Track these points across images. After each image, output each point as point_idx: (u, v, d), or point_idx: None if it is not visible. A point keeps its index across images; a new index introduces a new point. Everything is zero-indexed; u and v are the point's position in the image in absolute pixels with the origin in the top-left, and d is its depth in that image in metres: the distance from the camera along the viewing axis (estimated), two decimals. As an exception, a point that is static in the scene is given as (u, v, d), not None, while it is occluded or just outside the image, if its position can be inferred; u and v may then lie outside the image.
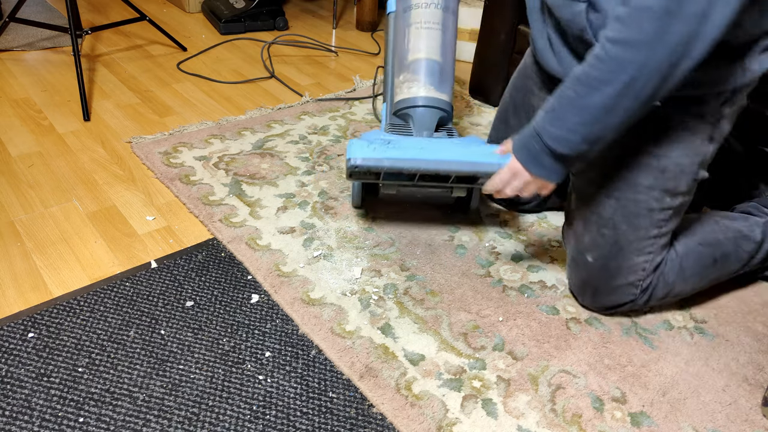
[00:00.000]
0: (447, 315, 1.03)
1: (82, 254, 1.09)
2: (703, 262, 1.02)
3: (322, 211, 1.25)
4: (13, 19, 1.66)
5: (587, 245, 1.00)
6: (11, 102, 1.57)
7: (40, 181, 1.28)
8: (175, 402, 0.85)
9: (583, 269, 1.02)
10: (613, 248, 0.97)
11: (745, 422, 0.89)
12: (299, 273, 1.08)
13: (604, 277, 1.00)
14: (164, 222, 1.19)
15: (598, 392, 0.92)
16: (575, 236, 1.03)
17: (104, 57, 1.89)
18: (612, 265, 0.98)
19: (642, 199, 0.94)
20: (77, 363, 0.89)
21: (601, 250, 0.99)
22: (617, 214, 0.96)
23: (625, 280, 0.99)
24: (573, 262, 1.05)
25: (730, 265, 1.05)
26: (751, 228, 1.07)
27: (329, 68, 1.97)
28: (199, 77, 1.80)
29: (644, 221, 0.95)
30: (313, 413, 0.85)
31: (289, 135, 1.52)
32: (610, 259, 0.98)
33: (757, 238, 1.06)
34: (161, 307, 0.99)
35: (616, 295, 1.01)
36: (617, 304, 1.02)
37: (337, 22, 2.38)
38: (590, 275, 1.01)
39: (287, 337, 0.96)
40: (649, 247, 0.97)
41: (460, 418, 0.86)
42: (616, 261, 0.98)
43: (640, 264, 0.98)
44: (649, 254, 0.97)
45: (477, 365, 0.94)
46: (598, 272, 1.00)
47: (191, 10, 2.34)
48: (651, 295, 1.01)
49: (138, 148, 1.40)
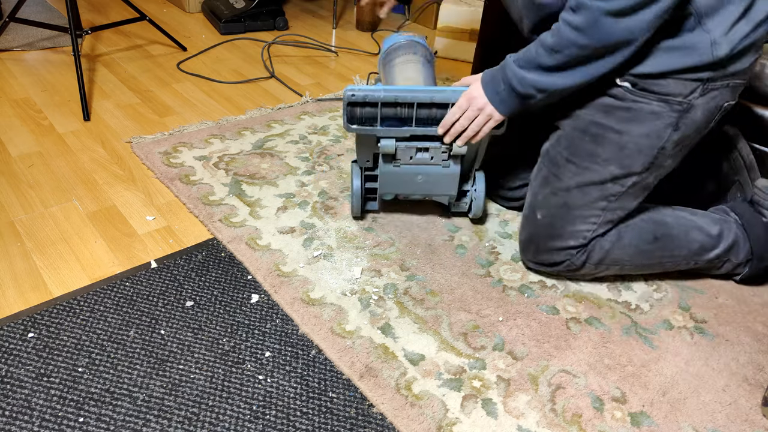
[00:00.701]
0: (447, 315, 1.03)
1: (82, 254, 1.09)
2: (643, 235, 1.07)
3: (322, 211, 1.25)
4: (13, 19, 1.66)
5: (540, 202, 1.08)
6: (11, 102, 1.57)
7: (40, 181, 1.28)
8: (175, 402, 0.85)
9: (531, 225, 1.10)
10: (562, 209, 1.05)
11: (745, 422, 0.89)
12: (299, 273, 1.08)
13: (548, 235, 1.07)
14: (164, 222, 1.19)
15: (598, 392, 0.92)
16: (532, 192, 1.10)
17: (104, 57, 1.89)
18: (557, 225, 1.05)
19: (597, 169, 1.01)
20: (77, 363, 0.89)
21: (550, 209, 1.06)
22: (573, 178, 1.03)
23: (565, 244, 1.06)
24: (525, 218, 1.12)
25: (674, 248, 1.08)
26: (709, 223, 1.09)
27: (329, 68, 1.97)
28: (199, 77, 1.80)
29: (594, 191, 1.02)
30: (313, 413, 0.85)
31: (289, 135, 1.52)
32: (556, 218, 1.06)
33: (712, 232, 1.09)
34: (161, 307, 0.99)
35: (554, 255, 1.08)
36: (555, 263, 1.09)
37: (337, 22, 2.38)
38: (536, 232, 1.09)
39: (287, 337, 0.96)
40: (593, 217, 1.04)
41: (460, 418, 0.86)
42: (561, 222, 1.05)
43: (582, 232, 1.05)
44: (592, 224, 1.04)
45: (477, 365, 0.94)
46: (544, 230, 1.08)
47: (191, 10, 2.34)
48: (587, 257, 1.06)
49: (138, 148, 1.40)
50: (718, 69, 0.90)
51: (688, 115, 0.94)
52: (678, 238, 1.07)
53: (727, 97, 0.95)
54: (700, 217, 1.10)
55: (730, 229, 1.09)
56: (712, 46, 0.88)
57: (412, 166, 1.13)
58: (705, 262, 1.10)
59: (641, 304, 1.09)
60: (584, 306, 1.07)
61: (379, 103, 1.04)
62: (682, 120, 0.95)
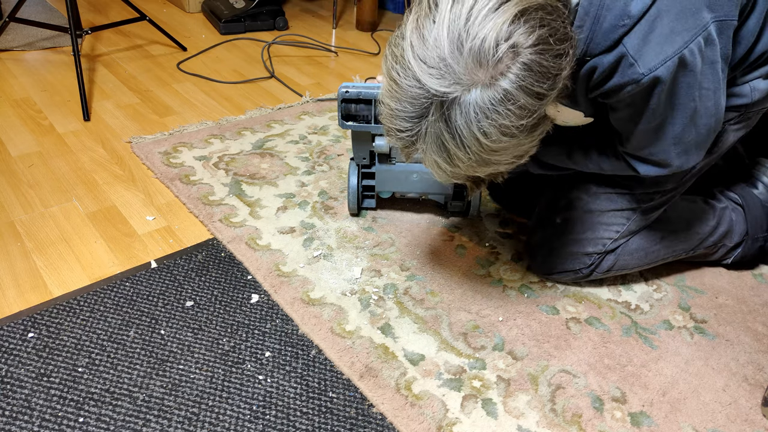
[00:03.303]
0: (447, 315, 1.03)
1: (82, 254, 1.09)
2: (650, 237, 1.06)
3: (322, 211, 1.25)
4: (13, 19, 1.66)
5: (562, 206, 1.05)
6: (11, 102, 1.57)
7: (40, 181, 1.28)
8: (175, 402, 0.85)
9: (548, 228, 1.08)
10: (585, 214, 1.04)
11: (745, 422, 0.89)
12: (299, 273, 1.08)
13: (565, 241, 1.05)
14: (164, 222, 1.19)
15: (598, 392, 0.92)
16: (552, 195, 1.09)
17: (104, 57, 1.89)
18: (577, 230, 1.04)
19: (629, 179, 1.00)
20: (77, 363, 0.89)
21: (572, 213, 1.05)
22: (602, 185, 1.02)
23: (583, 249, 1.03)
24: (539, 221, 1.10)
25: (677, 243, 1.08)
26: (707, 211, 1.10)
27: (329, 68, 1.97)
28: (199, 77, 1.80)
29: (622, 200, 1.02)
30: (313, 413, 0.85)
31: (289, 135, 1.52)
32: (577, 223, 1.04)
33: (710, 221, 1.09)
34: (161, 307, 0.99)
35: (567, 262, 1.06)
36: (564, 270, 1.07)
37: (337, 22, 2.38)
38: (554, 234, 1.06)
39: (287, 337, 0.96)
40: (617, 225, 1.02)
41: (460, 418, 0.86)
42: (583, 227, 1.03)
43: (601, 240, 1.03)
44: (615, 232, 1.03)
45: (477, 365, 0.94)
46: (562, 234, 1.05)
47: (191, 10, 2.34)
48: (597, 266, 1.06)
49: (138, 148, 1.40)
50: (757, 105, 0.94)
51: (721, 139, 0.96)
52: (681, 234, 1.08)
53: (755, 121, 0.98)
54: (699, 206, 1.11)
55: (725, 215, 1.10)
56: (752, 92, 0.92)
57: (407, 165, 1.14)
58: (702, 249, 1.11)
59: (641, 304, 1.09)
60: (584, 306, 1.07)
61: (373, 101, 1.04)
62: (715, 144, 0.96)
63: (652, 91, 0.78)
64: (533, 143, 0.73)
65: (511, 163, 0.74)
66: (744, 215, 1.11)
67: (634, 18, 0.74)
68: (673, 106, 0.81)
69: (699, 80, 0.79)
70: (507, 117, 0.66)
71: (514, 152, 0.72)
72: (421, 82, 0.66)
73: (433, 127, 0.69)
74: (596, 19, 0.75)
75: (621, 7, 0.74)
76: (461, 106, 0.66)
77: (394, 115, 0.71)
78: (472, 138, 0.67)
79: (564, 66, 0.68)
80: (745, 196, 1.12)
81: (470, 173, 0.74)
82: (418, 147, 0.72)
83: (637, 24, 0.74)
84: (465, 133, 0.67)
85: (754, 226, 1.11)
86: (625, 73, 0.76)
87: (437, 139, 0.69)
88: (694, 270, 1.17)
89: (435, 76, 0.65)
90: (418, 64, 0.66)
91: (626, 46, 0.75)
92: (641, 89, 0.78)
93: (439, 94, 0.66)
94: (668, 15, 0.74)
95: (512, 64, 0.64)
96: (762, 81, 0.92)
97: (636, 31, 0.74)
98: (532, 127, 0.70)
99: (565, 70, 0.69)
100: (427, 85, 0.66)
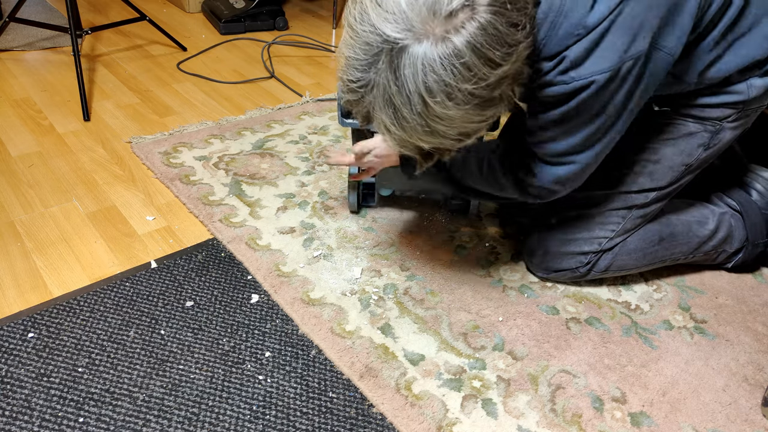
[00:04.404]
0: (447, 315, 1.03)
1: (82, 254, 1.09)
2: (648, 238, 1.06)
3: (322, 211, 1.25)
4: (13, 19, 1.66)
5: (557, 206, 1.06)
6: (11, 102, 1.57)
7: (40, 181, 1.28)
8: (175, 402, 0.85)
9: (544, 228, 1.09)
10: (581, 213, 1.05)
11: (745, 422, 0.89)
12: (299, 273, 1.08)
13: (561, 240, 1.06)
14: (164, 222, 1.19)
15: (598, 392, 0.92)
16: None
17: (104, 57, 1.89)
18: (573, 229, 1.05)
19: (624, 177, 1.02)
20: (77, 363, 0.89)
21: (569, 212, 1.06)
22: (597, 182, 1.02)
23: (579, 249, 1.05)
24: (535, 222, 1.12)
25: (676, 246, 1.08)
26: (707, 215, 1.10)
27: (329, 68, 1.97)
28: (199, 77, 1.80)
29: (619, 199, 1.03)
30: (313, 413, 0.85)
31: (289, 135, 1.52)
32: (573, 222, 1.05)
33: (710, 225, 1.09)
34: (161, 307, 0.99)
35: (564, 261, 1.06)
36: (562, 269, 1.07)
37: (337, 22, 2.38)
38: (550, 234, 1.08)
39: (287, 337, 0.96)
40: (613, 224, 1.03)
41: (460, 418, 0.86)
42: (579, 226, 1.05)
43: (598, 239, 1.04)
44: (611, 231, 1.03)
45: (477, 365, 0.94)
46: (559, 233, 1.07)
47: (191, 10, 2.34)
48: (594, 266, 1.06)
49: (138, 148, 1.40)
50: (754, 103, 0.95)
51: (719, 136, 0.98)
52: (680, 236, 1.08)
53: (753, 119, 0.99)
54: (698, 209, 1.11)
55: (724, 220, 1.10)
56: (748, 89, 0.93)
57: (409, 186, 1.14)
58: (702, 253, 1.11)
59: (641, 304, 1.09)
60: (584, 306, 1.07)
61: None
62: (713, 140, 0.98)
63: (573, 97, 0.81)
64: (481, 123, 0.74)
65: (457, 140, 0.74)
66: (743, 221, 1.11)
67: (588, 29, 0.76)
68: (582, 115, 0.85)
69: (616, 99, 0.83)
70: (453, 76, 0.66)
71: (460, 127, 0.72)
72: (375, 26, 0.67)
73: (381, 76, 0.69)
74: (552, 24, 0.77)
75: (578, 17, 0.76)
76: (410, 57, 0.66)
77: (347, 65, 0.71)
78: (416, 95, 0.67)
79: (520, 39, 0.69)
80: (743, 202, 1.12)
81: (416, 142, 0.74)
82: (367, 101, 0.72)
83: (588, 35, 0.77)
84: (411, 87, 0.67)
85: (753, 233, 1.11)
86: (557, 75, 0.80)
87: (385, 92, 0.70)
88: (694, 270, 1.17)
89: (389, 20, 0.66)
90: (375, 8, 0.67)
91: (570, 52, 0.78)
92: (565, 93, 0.81)
93: (391, 40, 0.66)
94: (617, 32, 0.76)
95: (467, 22, 0.65)
96: (759, 78, 0.93)
97: (584, 41, 0.77)
98: (482, 102, 0.70)
99: (521, 44, 0.69)
100: (380, 29, 0.66)
